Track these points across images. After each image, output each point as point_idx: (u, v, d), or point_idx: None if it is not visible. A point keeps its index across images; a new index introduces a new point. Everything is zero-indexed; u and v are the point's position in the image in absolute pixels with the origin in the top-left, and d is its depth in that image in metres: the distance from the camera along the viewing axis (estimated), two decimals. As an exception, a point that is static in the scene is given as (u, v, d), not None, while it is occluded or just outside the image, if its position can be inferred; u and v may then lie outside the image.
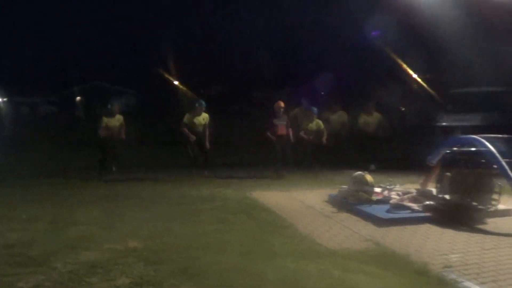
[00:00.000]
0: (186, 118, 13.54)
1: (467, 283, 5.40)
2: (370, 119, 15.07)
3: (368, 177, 9.66)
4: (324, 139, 14.28)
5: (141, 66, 55.48)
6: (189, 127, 13.45)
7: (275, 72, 43.05)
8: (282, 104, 13.99)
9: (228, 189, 11.56)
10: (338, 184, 10.61)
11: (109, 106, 13.53)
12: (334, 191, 10.28)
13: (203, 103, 13.76)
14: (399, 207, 8.82)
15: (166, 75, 48.99)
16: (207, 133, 13.62)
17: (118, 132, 13.38)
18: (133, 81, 53.90)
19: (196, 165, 13.66)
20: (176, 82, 50.43)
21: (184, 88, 49.34)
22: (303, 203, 9.95)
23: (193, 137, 13.27)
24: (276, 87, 41.85)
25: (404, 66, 26.38)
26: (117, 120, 13.42)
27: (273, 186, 12.00)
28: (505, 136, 11.10)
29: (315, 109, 14.75)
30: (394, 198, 9.35)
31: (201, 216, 8.65)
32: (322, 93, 14.46)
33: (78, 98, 53.51)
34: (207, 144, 13.56)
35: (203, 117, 13.67)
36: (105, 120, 13.25)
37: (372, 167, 13.77)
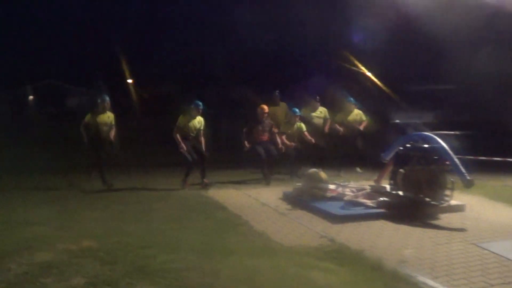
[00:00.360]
0: (179, 121, 11.76)
1: (421, 278, 5.49)
2: (351, 117, 13.97)
3: (322, 174, 9.74)
4: (308, 138, 12.81)
5: (95, 64, 54.88)
6: (183, 132, 11.70)
7: (227, 70, 42.98)
8: (266, 108, 12.64)
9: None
10: (293, 182, 10.66)
11: (99, 101, 12.01)
12: (288, 188, 10.33)
13: (200, 104, 11.83)
14: (353, 203, 8.89)
15: (120, 74, 48.48)
16: (203, 140, 11.96)
17: (108, 131, 11.92)
18: (87, 80, 53.17)
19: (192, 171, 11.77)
20: (129, 81, 49.95)
21: (138, 87, 48.92)
22: (258, 200, 9.97)
23: (183, 147, 11.50)
24: (229, 86, 41.76)
25: (360, 65, 26.52)
26: (107, 117, 11.97)
27: (228, 184, 12.00)
28: (457, 132, 11.30)
29: (297, 111, 13.08)
30: (349, 195, 9.44)
31: (156, 215, 8.64)
32: (277, 91, 14.04)
33: (30, 97, 52.50)
34: (205, 152, 11.87)
35: (198, 121, 11.90)
36: (93, 117, 11.78)
37: (358, 169, 13.49)
